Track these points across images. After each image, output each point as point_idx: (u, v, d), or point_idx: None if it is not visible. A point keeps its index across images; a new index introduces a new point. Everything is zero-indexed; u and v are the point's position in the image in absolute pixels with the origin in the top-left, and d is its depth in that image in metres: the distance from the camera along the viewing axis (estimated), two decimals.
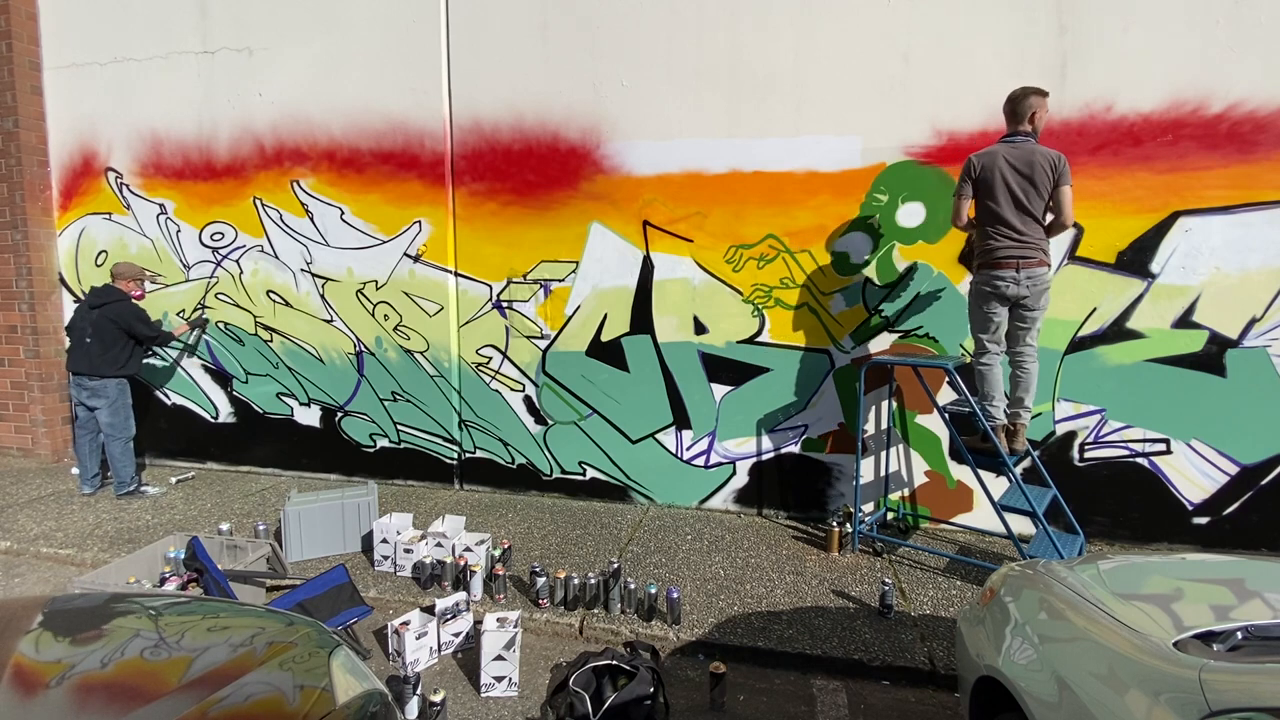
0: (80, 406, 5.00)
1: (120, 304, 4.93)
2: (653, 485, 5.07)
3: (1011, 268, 3.51)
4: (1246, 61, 3.88)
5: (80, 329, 4.89)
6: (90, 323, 4.86)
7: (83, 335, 4.87)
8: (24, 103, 5.72)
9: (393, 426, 5.48)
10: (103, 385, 4.91)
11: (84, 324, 4.88)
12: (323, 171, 5.29)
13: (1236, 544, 4.16)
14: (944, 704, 2.86)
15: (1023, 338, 3.68)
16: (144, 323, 5.02)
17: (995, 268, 3.56)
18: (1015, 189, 3.48)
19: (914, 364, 4.21)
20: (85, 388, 4.91)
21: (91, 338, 4.85)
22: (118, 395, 4.99)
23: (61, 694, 1.46)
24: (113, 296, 4.94)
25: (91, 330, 4.85)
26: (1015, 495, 3.67)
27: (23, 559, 4.17)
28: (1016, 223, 3.50)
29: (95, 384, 4.89)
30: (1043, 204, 3.51)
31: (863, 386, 4.24)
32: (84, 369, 4.87)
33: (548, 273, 5.00)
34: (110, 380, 4.93)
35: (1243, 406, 4.07)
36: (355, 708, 1.59)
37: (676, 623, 3.30)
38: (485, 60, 4.92)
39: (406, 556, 3.81)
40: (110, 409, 4.94)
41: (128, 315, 4.93)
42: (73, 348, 4.96)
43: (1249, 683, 1.40)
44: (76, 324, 4.96)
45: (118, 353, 4.92)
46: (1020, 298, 3.55)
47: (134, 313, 4.98)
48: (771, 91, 4.49)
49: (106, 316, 4.86)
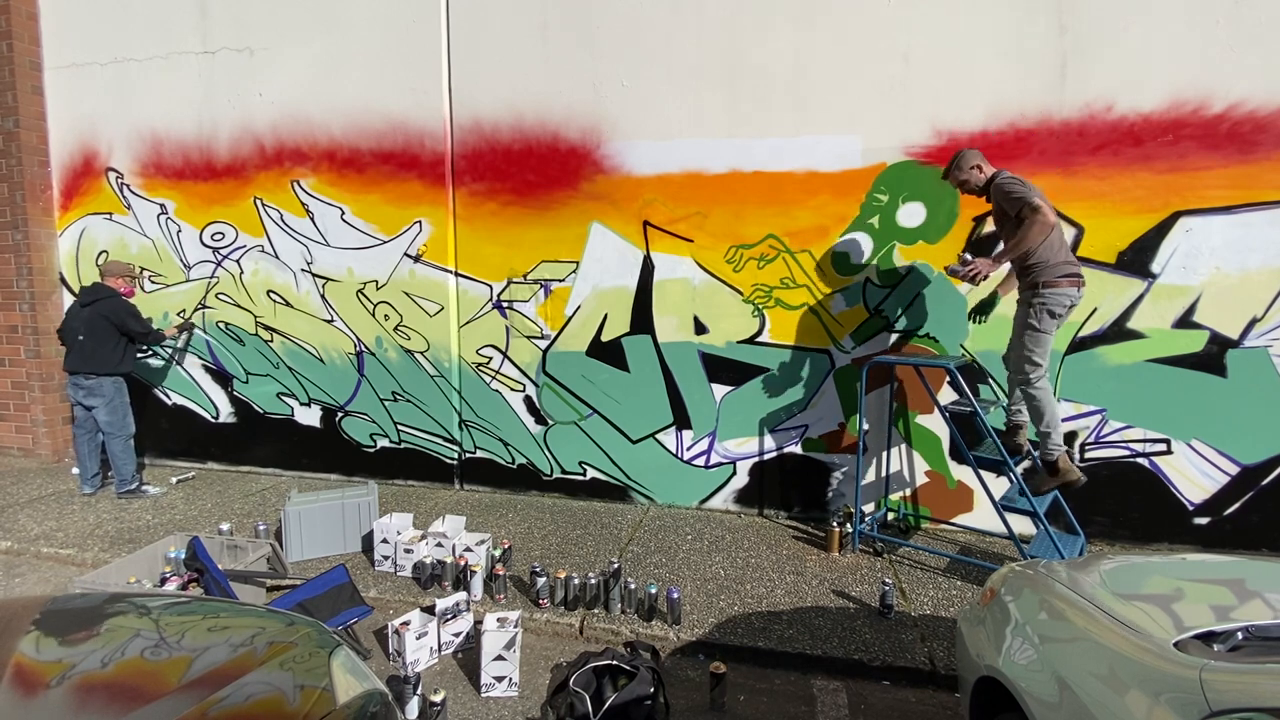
0: (78, 406, 5.01)
1: (111, 300, 4.93)
2: (653, 485, 5.07)
3: (1080, 284, 3.52)
4: (1247, 61, 3.88)
5: (73, 328, 4.89)
6: (82, 321, 4.85)
7: (75, 334, 4.86)
8: (24, 103, 5.73)
9: (393, 426, 5.48)
10: (98, 384, 4.90)
11: (76, 323, 4.88)
12: (323, 171, 5.29)
13: (1237, 544, 4.16)
14: (944, 704, 2.86)
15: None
16: (135, 319, 5.02)
17: (1068, 285, 3.47)
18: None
19: (915, 364, 4.21)
20: (81, 386, 4.91)
21: (85, 336, 4.84)
22: (114, 394, 4.99)
23: (62, 694, 1.46)
24: (103, 294, 4.93)
25: (84, 328, 4.84)
26: (1016, 494, 3.67)
27: (23, 559, 4.17)
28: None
29: (91, 383, 4.89)
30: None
31: (864, 386, 4.24)
32: (79, 368, 4.87)
33: (548, 273, 5.00)
34: (106, 379, 4.92)
35: (1243, 407, 4.07)
36: (355, 708, 1.59)
37: (677, 623, 3.30)
38: (485, 60, 4.92)
39: (407, 556, 3.81)
40: (108, 407, 4.94)
41: (120, 311, 4.93)
42: (67, 347, 4.96)
43: (1249, 683, 1.40)
44: (69, 324, 4.95)
45: (111, 350, 4.91)
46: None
47: (125, 309, 4.98)
48: (771, 91, 4.49)
49: (99, 313, 4.86)
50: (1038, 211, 3.33)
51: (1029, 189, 3.44)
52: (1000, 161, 4.19)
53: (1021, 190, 3.42)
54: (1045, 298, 3.48)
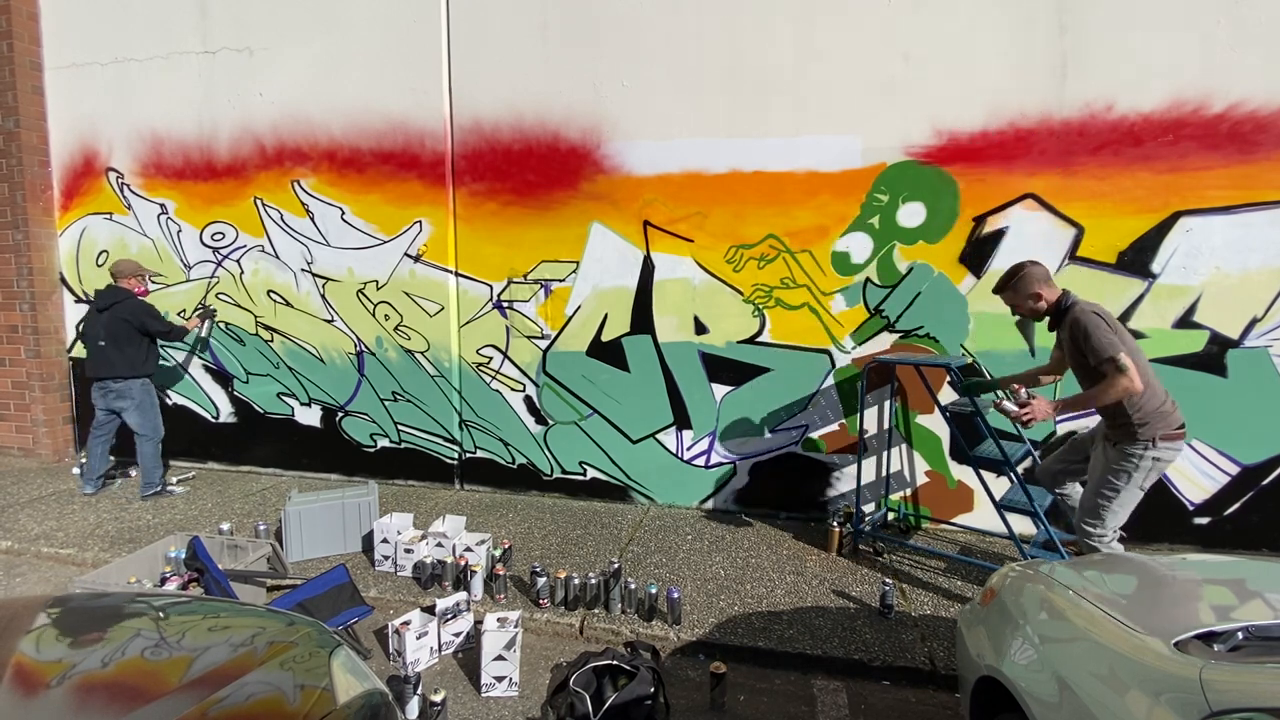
0: (104, 411, 4.98)
1: (128, 302, 4.92)
2: (653, 485, 5.07)
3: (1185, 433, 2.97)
4: (1247, 61, 3.88)
5: (93, 334, 4.88)
6: (102, 325, 4.84)
7: (96, 339, 4.85)
8: (25, 103, 5.73)
9: (393, 426, 5.49)
10: (126, 387, 4.89)
11: (96, 328, 4.87)
12: (323, 171, 5.29)
13: (1237, 544, 4.16)
14: (944, 704, 2.86)
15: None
16: (155, 318, 5.01)
17: (1178, 439, 2.94)
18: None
19: (917, 363, 4.20)
20: (111, 391, 4.89)
21: (105, 340, 4.83)
22: (143, 395, 4.98)
23: (62, 693, 1.46)
24: (119, 296, 4.92)
25: (104, 333, 4.83)
26: (1016, 494, 3.66)
27: (24, 559, 4.18)
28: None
29: (119, 386, 4.88)
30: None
31: (864, 386, 4.23)
32: (104, 373, 4.86)
33: (548, 273, 5.01)
34: (134, 381, 4.92)
35: (1243, 407, 4.07)
36: (356, 707, 1.59)
37: (677, 623, 3.30)
38: (485, 60, 4.92)
39: (407, 556, 3.82)
40: (138, 410, 4.94)
41: (139, 312, 4.92)
42: (89, 353, 4.94)
43: (1250, 683, 1.40)
44: (89, 330, 4.95)
45: (134, 352, 4.91)
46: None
47: (144, 309, 4.97)
48: (772, 91, 4.49)
49: (118, 316, 4.85)
50: (1123, 374, 2.76)
51: (1114, 334, 2.87)
52: (1001, 161, 4.20)
53: (1105, 339, 2.82)
54: (1155, 453, 2.89)
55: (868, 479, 4.63)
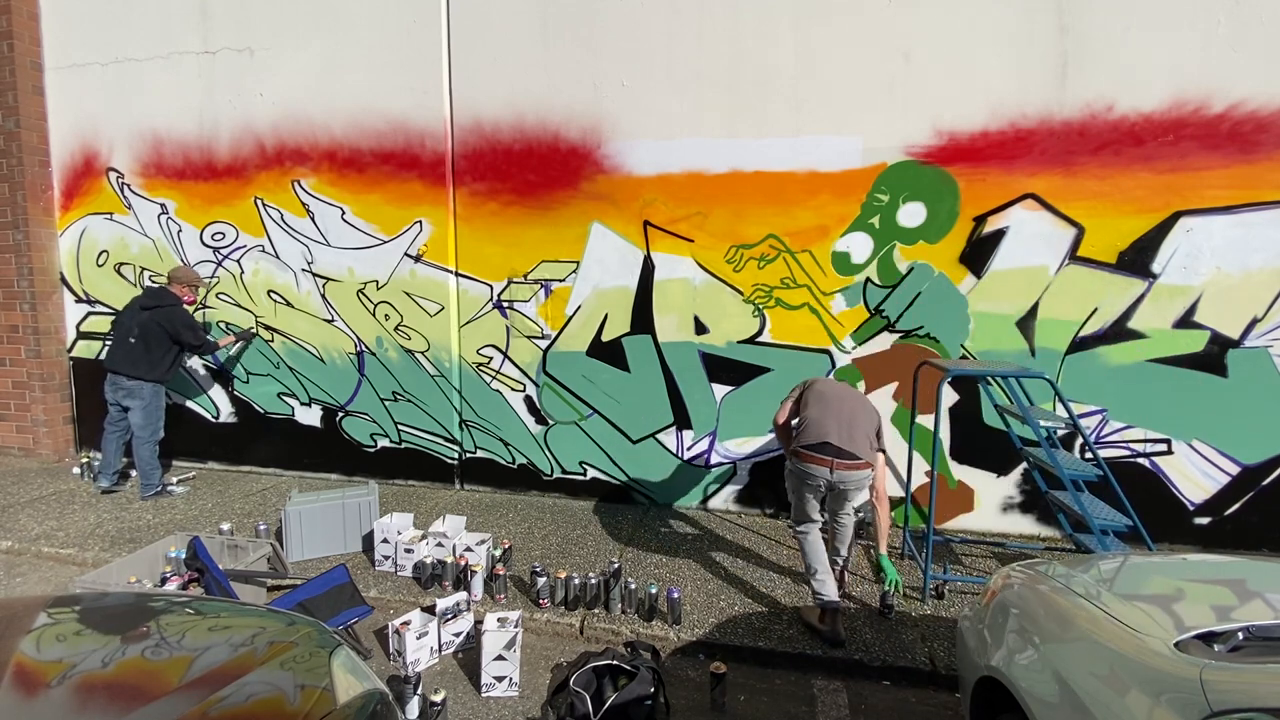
0: (115, 406, 4.99)
1: (172, 309, 4.93)
2: (653, 485, 5.07)
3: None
4: (1248, 61, 3.88)
5: (126, 327, 4.89)
6: (138, 323, 4.85)
7: (128, 334, 4.86)
8: (25, 103, 5.73)
9: (393, 426, 5.49)
10: (138, 387, 4.90)
11: (131, 323, 4.88)
12: (324, 171, 5.29)
13: (1237, 544, 4.16)
14: (945, 704, 2.86)
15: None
16: (191, 330, 5.01)
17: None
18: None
19: (999, 375, 3.54)
20: (122, 387, 4.90)
21: (136, 338, 4.84)
22: (152, 398, 4.98)
23: (63, 693, 1.46)
24: (166, 300, 4.93)
25: (138, 331, 4.84)
26: (1102, 511, 3.46)
27: (24, 559, 4.18)
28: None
29: (131, 384, 4.88)
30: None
31: (915, 390, 4.10)
32: (123, 369, 4.86)
33: (548, 273, 5.00)
34: (147, 383, 4.92)
35: (1244, 407, 4.07)
36: (356, 707, 1.59)
37: (677, 623, 3.30)
38: (486, 60, 4.92)
39: (407, 556, 3.82)
40: (144, 411, 4.94)
41: (176, 321, 4.92)
42: (114, 344, 4.94)
43: (1250, 683, 1.40)
44: (123, 321, 4.95)
45: (159, 357, 4.92)
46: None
47: (183, 320, 4.97)
48: (772, 91, 4.49)
49: (156, 320, 4.86)
50: None
51: None
52: (1001, 161, 4.21)
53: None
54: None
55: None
